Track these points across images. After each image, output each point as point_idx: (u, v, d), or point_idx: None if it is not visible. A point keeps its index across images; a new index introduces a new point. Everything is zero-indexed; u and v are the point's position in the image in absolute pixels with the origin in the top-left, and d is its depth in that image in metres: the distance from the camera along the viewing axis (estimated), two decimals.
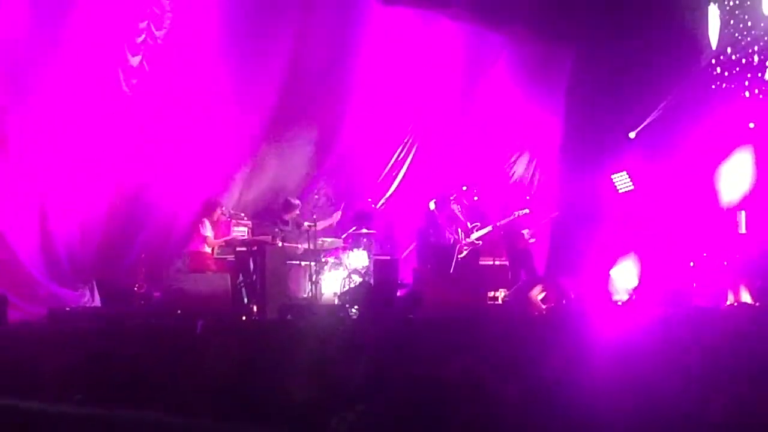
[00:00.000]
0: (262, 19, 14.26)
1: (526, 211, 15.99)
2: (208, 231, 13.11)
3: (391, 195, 16.46)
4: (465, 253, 15.25)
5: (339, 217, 14.98)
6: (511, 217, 15.72)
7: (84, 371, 6.22)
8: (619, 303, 14.89)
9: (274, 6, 14.48)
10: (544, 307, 12.91)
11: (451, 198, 15.34)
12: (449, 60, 17.10)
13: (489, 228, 15.61)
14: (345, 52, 15.60)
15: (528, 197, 16.48)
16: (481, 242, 15.54)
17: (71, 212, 12.71)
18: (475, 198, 15.81)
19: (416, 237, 15.87)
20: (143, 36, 13.25)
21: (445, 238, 15.14)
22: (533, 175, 18.25)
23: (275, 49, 14.66)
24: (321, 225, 14.26)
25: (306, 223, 14.02)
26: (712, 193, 17.40)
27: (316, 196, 14.93)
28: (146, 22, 13.25)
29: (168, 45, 13.51)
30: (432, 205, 15.35)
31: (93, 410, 4.07)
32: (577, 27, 17.67)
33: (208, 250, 13.13)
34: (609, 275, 15.84)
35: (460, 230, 15.27)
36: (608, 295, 15.14)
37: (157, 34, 13.40)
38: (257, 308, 12.63)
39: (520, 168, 18.18)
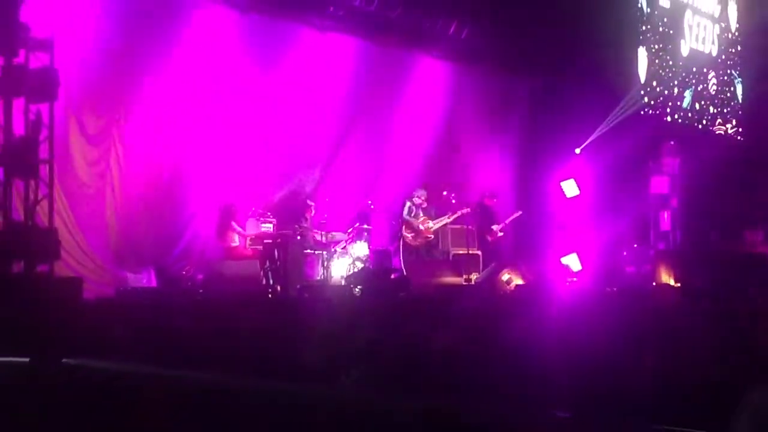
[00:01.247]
0: (271, 71, 14.35)
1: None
2: (237, 228, 13.08)
3: (385, 199, 16.05)
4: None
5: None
6: (477, 215, 15.62)
7: (145, 337, 6.50)
8: (568, 284, 14.92)
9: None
10: (509, 287, 13.03)
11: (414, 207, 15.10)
12: (434, 95, 17.08)
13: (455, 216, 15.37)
14: (349, 93, 15.57)
15: (490, 199, 16.27)
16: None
17: (134, 213, 12.70)
18: (453, 200, 15.52)
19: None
20: (190, 82, 13.28)
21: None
22: (498, 182, 17.98)
23: (292, 84, 14.63)
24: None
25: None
26: (641, 197, 17.76)
27: (327, 199, 14.67)
28: (191, 73, 13.25)
29: (202, 87, 13.46)
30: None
31: (153, 369, 4.23)
32: (533, 65, 17.76)
33: (237, 242, 13.03)
34: (560, 262, 16.02)
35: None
36: (559, 277, 15.13)
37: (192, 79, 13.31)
38: (280, 288, 12.55)
39: (488, 175, 17.96)
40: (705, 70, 20.60)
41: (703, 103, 20.41)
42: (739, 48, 21.51)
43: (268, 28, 14.46)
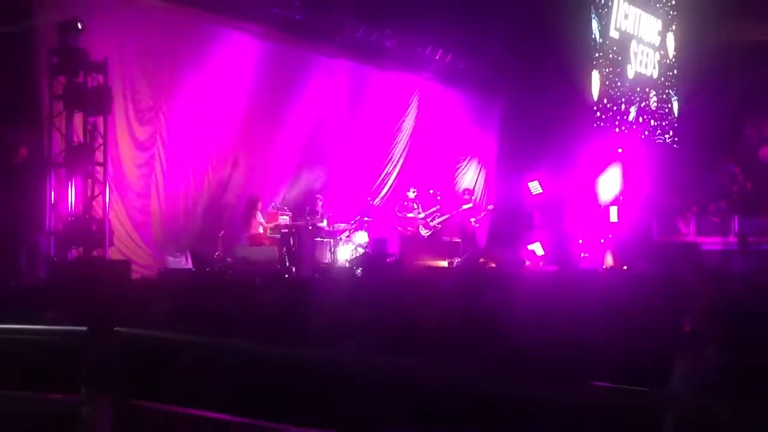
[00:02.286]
0: (288, 90, 14.40)
1: (470, 205, 16.08)
2: (260, 219, 13.05)
3: (382, 196, 16.39)
4: (428, 233, 15.26)
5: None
6: (458, 210, 15.77)
7: (181, 310, 6.32)
8: (533, 266, 14.99)
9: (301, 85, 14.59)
10: (483, 269, 13.10)
11: (405, 204, 15.27)
12: (425, 110, 17.23)
13: (446, 216, 15.57)
14: (353, 110, 15.64)
15: (468, 197, 16.44)
16: (440, 226, 15.47)
17: (173, 208, 12.72)
18: (438, 197, 15.81)
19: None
20: (220, 98, 13.28)
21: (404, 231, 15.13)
22: (476, 182, 18.49)
23: (308, 102, 14.70)
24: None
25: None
26: (594, 195, 17.75)
27: (334, 196, 14.69)
28: (221, 90, 13.18)
29: (230, 102, 13.48)
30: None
31: (188, 336, 4.12)
32: (506, 84, 17.98)
33: (261, 230, 13.00)
34: (527, 248, 15.91)
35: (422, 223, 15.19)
36: (526, 261, 15.13)
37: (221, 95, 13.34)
38: (295, 269, 12.57)
39: (468, 177, 18.34)
40: (647, 89, 20.60)
41: (645, 117, 20.43)
42: (675, 71, 21.53)
43: (284, 53, 14.49)
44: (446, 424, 3.70)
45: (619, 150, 18.47)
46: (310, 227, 13.38)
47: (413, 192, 15.43)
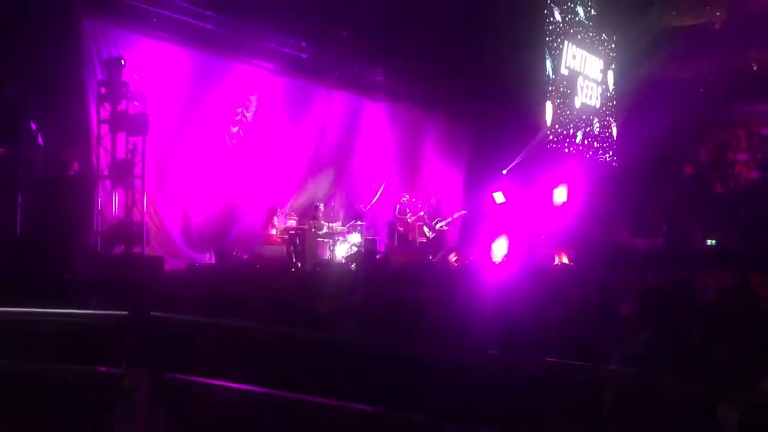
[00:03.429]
0: (296, 117, 14.37)
1: (463, 212, 16.22)
2: (276, 221, 12.99)
3: (372, 204, 16.23)
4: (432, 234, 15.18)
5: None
6: (454, 216, 15.85)
7: (206, 297, 6.31)
8: (496, 263, 14.74)
9: (310, 106, 14.59)
10: (455, 264, 12.98)
11: (399, 208, 15.19)
12: (411, 135, 17.25)
13: (449, 219, 15.56)
14: (350, 133, 15.65)
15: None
16: (447, 228, 15.50)
17: (201, 210, 12.61)
18: (419, 207, 15.52)
19: (387, 227, 15.73)
20: (240, 115, 13.27)
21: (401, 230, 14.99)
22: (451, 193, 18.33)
23: (312, 127, 14.69)
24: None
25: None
26: (548, 203, 17.73)
27: (333, 204, 14.75)
28: (241, 109, 13.27)
29: (253, 121, 13.51)
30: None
31: (212, 319, 4.08)
32: (475, 112, 17.93)
33: (274, 232, 12.95)
34: (491, 247, 15.72)
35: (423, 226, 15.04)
36: (490, 258, 15.00)
37: (248, 114, 13.41)
38: (300, 264, 12.45)
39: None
40: (591, 117, 20.62)
41: (589, 139, 20.45)
42: (614, 102, 21.62)
43: (292, 85, 14.46)
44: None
45: (569, 167, 18.44)
46: (313, 229, 13.30)
47: (405, 198, 15.32)
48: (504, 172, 17.89)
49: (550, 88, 18.68)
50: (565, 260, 14.10)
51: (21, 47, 9.35)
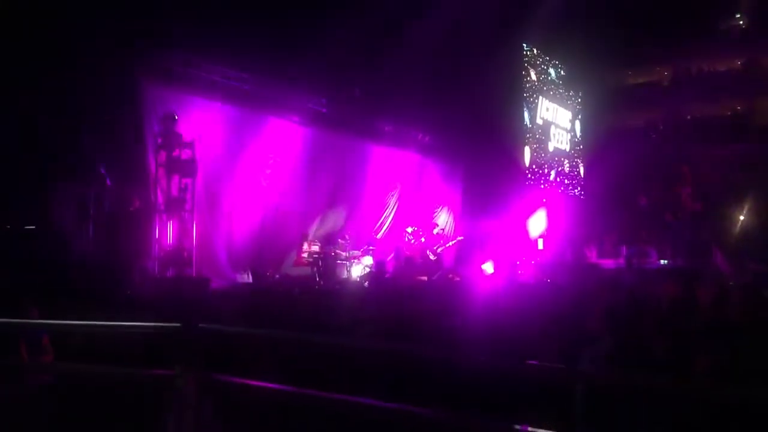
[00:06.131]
0: (317, 161, 14.41)
1: (461, 238, 16.22)
2: (305, 246, 13.05)
3: (383, 232, 16.26)
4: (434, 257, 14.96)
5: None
6: (453, 242, 15.73)
7: (246, 311, 6.26)
8: (486, 280, 14.67)
9: (321, 155, 14.61)
10: (453, 281, 12.65)
11: (408, 237, 15.11)
12: (411, 174, 17.22)
13: (449, 244, 15.47)
14: (362, 173, 15.69)
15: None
16: (444, 250, 15.22)
17: (240, 238, 12.56)
18: (421, 235, 15.50)
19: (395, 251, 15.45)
20: (272, 159, 13.35)
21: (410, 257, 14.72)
22: (447, 222, 18.35)
23: (331, 168, 14.75)
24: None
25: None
26: (526, 231, 17.70)
27: (349, 233, 14.47)
28: (272, 153, 13.37)
29: (282, 164, 13.57)
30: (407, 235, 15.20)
31: (251, 329, 4.11)
32: (466, 155, 17.99)
33: (304, 255, 13.00)
34: (481, 268, 15.70)
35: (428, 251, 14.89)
36: (481, 276, 14.69)
37: (278, 158, 13.48)
38: (323, 282, 12.38)
39: (441, 219, 18.14)
40: (562, 158, 20.69)
41: (561, 177, 20.49)
42: (581, 146, 21.69)
43: (314, 135, 14.49)
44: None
45: (544, 200, 18.44)
46: (333, 253, 13.25)
47: (412, 228, 15.21)
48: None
49: (528, 135, 18.76)
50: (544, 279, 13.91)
51: (92, 104, 9.47)
